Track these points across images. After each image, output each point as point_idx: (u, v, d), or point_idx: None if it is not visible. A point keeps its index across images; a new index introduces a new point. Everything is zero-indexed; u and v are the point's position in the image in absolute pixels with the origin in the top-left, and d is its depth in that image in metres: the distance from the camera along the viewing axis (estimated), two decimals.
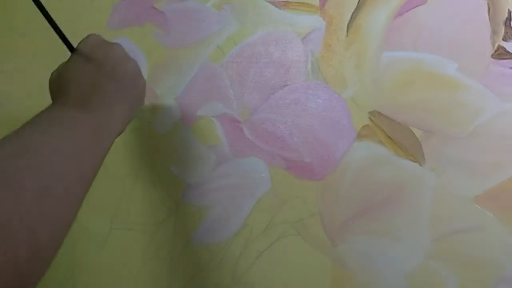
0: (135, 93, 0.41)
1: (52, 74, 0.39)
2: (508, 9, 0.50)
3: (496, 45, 0.49)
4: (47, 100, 0.57)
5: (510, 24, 0.49)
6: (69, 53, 0.39)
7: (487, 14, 0.50)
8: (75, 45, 0.39)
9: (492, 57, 0.49)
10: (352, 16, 0.53)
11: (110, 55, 0.39)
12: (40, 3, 0.35)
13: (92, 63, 0.38)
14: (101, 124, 0.35)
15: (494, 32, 0.50)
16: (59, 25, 0.37)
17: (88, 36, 0.40)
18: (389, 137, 0.49)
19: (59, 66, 0.39)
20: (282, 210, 0.50)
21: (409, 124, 0.49)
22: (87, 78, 0.37)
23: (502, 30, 0.49)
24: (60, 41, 0.38)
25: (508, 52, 0.49)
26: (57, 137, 0.31)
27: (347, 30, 0.53)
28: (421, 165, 0.48)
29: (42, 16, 0.36)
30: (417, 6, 0.52)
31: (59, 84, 0.38)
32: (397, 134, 0.49)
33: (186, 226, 0.52)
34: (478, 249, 0.46)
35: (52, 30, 0.37)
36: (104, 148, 0.35)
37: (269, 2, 0.55)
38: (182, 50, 0.56)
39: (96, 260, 0.54)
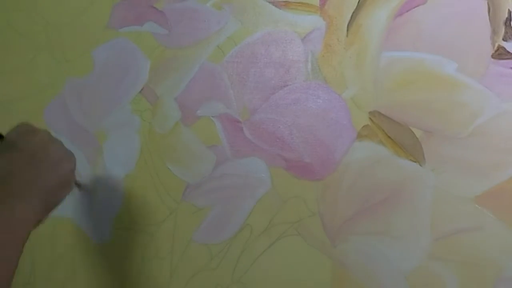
0: (55, 179, 0.40)
1: None
2: (508, 9, 0.50)
3: (496, 45, 0.49)
4: (47, 100, 0.58)
5: (510, 24, 0.49)
6: None
7: (487, 14, 0.50)
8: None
9: (492, 57, 0.49)
10: (352, 16, 0.53)
11: (32, 142, 0.40)
12: None
13: (12, 152, 0.38)
14: (8, 216, 0.35)
15: (494, 32, 0.49)
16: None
17: (17, 125, 0.41)
18: (389, 137, 0.49)
19: None
20: (282, 210, 0.50)
21: (409, 124, 0.49)
22: (1, 169, 0.37)
23: (502, 30, 0.49)
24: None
25: (508, 52, 0.49)
26: None
27: (347, 30, 0.53)
28: (421, 165, 0.48)
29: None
30: (417, 6, 0.52)
31: None
32: (397, 134, 0.49)
33: (186, 226, 0.52)
34: (478, 249, 0.46)
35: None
36: (13, 240, 0.35)
37: (269, 2, 0.55)
38: (182, 50, 0.56)
39: (96, 260, 0.54)
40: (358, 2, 0.53)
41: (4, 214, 0.35)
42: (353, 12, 0.53)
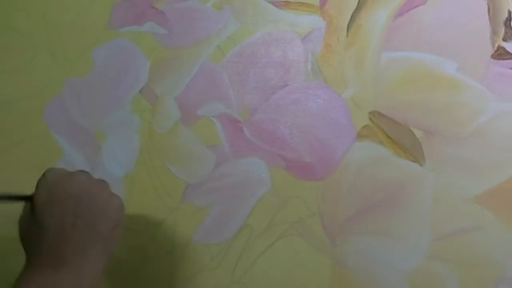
0: (108, 221, 0.38)
1: (19, 224, 0.37)
2: (508, 9, 0.50)
3: (496, 45, 0.49)
4: (47, 101, 0.58)
5: (510, 24, 0.49)
6: None
7: (487, 14, 0.50)
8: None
9: (492, 57, 0.49)
10: (352, 16, 0.53)
11: (71, 190, 0.36)
12: None
13: (53, 207, 0.35)
14: (79, 277, 0.34)
15: (494, 32, 0.50)
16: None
17: (44, 175, 0.37)
18: (389, 137, 0.49)
19: (23, 216, 0.37)
20: (282, 210, 0.50)
21: (409, 124, 0.49)
22: (52, 227, 0.34)
23: (502, 30, 0.49)
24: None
25: (508, 52, 0.49)
26: None
27: (347, 30, 0.53)
28: (421, 165, 0.48)
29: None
30: (417, 6, 0.52)
31: (28, 240, 0.36)
32: (397, 134, 0.49)
33: (186, 226, 0.52)
34: (478, 249, 0.46)
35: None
36: None
37: (269, 2, 0.55)
38: (182, 50, 0.56)
39: None
40: (358, 2, 0.53)
41: (75, 272, 0.34)
42: (353, 12, 0.53)
